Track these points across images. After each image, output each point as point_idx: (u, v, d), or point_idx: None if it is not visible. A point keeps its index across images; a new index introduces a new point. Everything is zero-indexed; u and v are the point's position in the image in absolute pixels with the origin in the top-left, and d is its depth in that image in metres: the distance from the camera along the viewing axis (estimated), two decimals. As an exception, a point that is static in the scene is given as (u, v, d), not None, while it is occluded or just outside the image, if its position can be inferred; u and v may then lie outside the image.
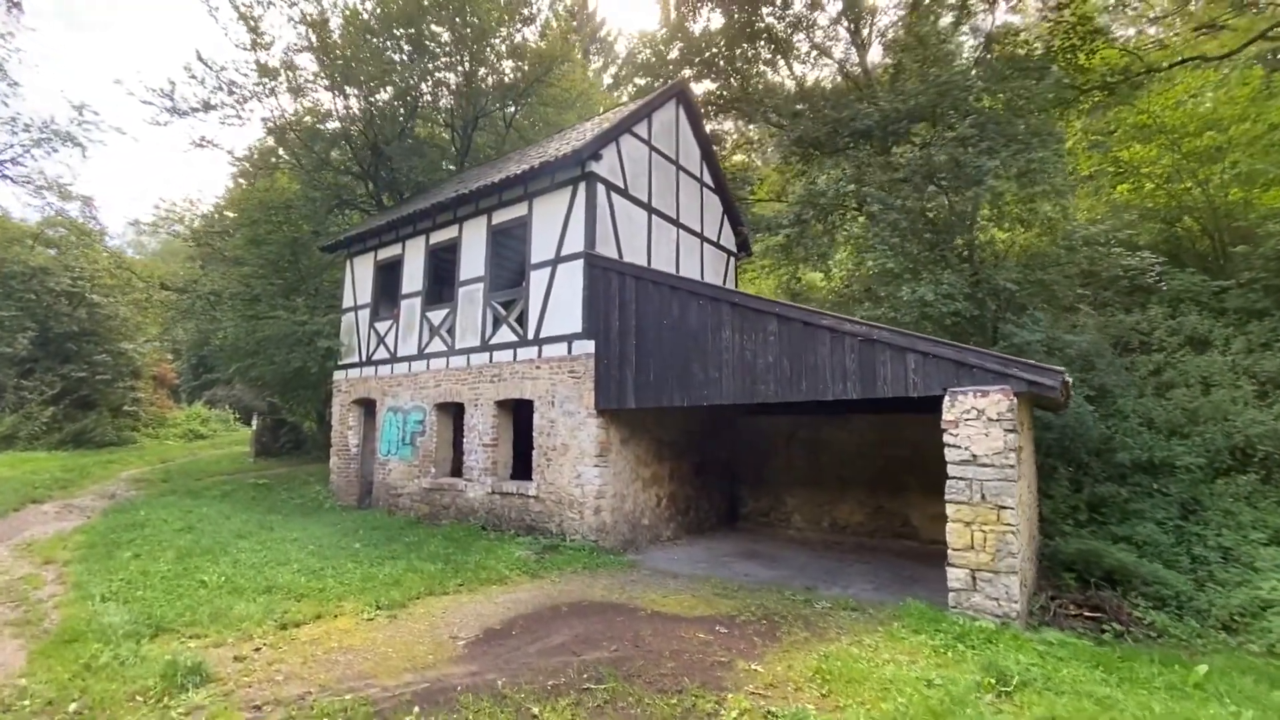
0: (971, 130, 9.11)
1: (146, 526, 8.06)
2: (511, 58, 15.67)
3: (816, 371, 6.91)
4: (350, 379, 13.04)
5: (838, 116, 10.63)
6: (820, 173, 10.10)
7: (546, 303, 9.72)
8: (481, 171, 13.44)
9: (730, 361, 7.57)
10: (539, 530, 9.30)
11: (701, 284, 8.05)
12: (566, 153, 9.18)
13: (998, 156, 9.06)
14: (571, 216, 9.59)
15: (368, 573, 6.80)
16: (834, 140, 10.69)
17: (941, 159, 9.02)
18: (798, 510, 11.61)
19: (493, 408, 10.21)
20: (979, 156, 9.24)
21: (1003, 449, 5.75)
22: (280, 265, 14.58)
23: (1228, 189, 15.40)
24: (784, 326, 7.20)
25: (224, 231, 16.29)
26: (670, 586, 7.16)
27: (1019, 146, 9.40)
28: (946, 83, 9.54)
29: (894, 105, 9.87)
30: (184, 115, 14.33)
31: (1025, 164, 9.33)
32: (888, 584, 7.64)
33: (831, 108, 10.87)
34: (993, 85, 9.96)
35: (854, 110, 10.46)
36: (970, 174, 9.26)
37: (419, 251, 12.07)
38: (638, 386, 8.42)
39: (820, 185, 9.75)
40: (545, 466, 9.37)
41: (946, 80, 9.58)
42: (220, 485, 12.74)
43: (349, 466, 12.85)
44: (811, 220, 10.44)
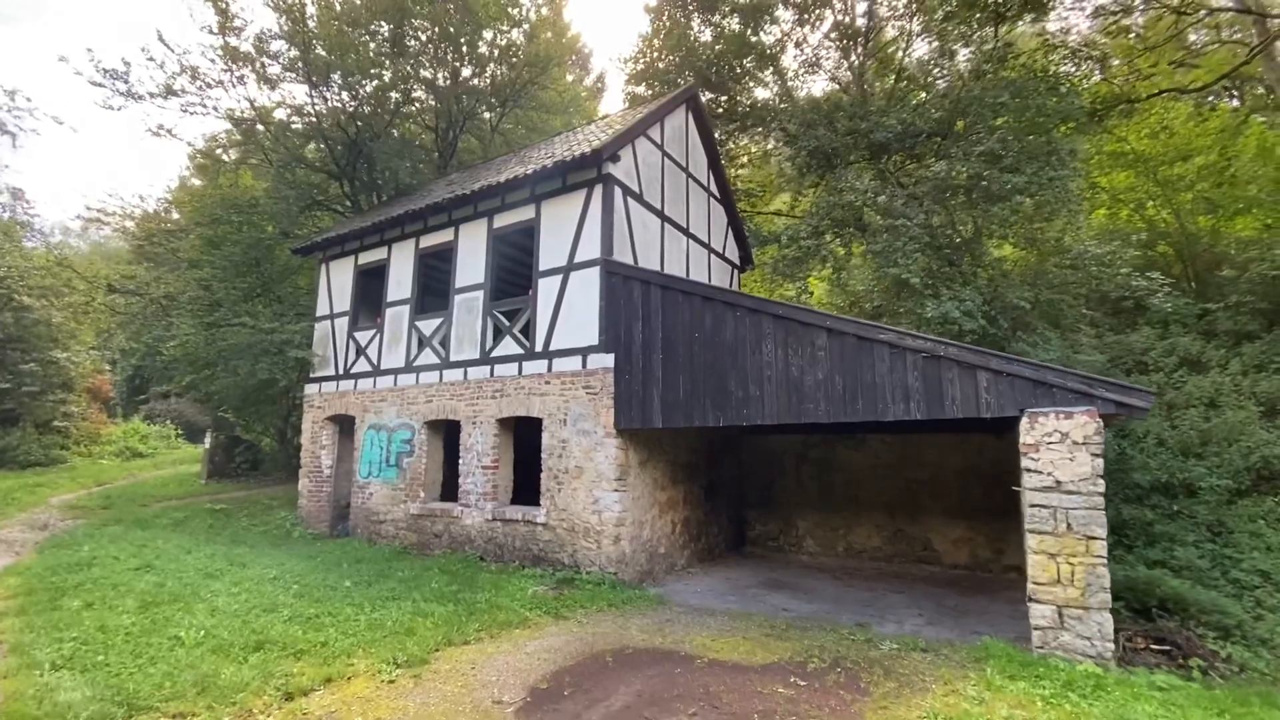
0: (998, 145, 8.95)
1: (94, 565, 6.86)
2: (504, 59, 14.93)
3: (875, 390, 6.42)
4: (324, 393, 11.91)
5: (856, 128, 10.39)
6: (839, 184, 9.78)
7: (557, 313, 8.99)
8: (474, 173, 12.63)
9: (773, 378, 7.02)
10: (548, 561, 8.48)
11: (739, 294, 7.51)
12: (585, 152, 8.55)
13: (1023, 173, 8.91)
14: (586, 221, 8.93)
15: (372, 619, 5.88)
16: (852, 152, 10.43)
17: (966, 174, 8.82)
18: (810, 534, 11.10)
19: (494, 426, 9.36)
20: (1004, 173, 9.07)
21: (1090, 474, 5.35)
22: (243, 268, 13.32)
23: (1196, 216, 16.03)
24: (835, 341, 6.71)
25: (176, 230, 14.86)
26: (712, 626, 6.48)
27: (1041, 163, 9.29)
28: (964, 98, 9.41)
29: (913, 119, 9.68)
30: (140, 99, 13.03)
31: (1047, 180, 9.21)
32: (937, 617, 7.16)
33: (849, 118, 10.62)
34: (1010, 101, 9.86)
35: (872, 122, 10.24)
36: (995, 190, 9.08)
37: (407, 256, 11.15)
38: (665, 404, 7.76)
39: (844, 196, 9.42)
40: (556, 491, 8.57)
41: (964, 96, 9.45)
42: (171, 512, 11.34)
43: (321, 490, 11.67)
44: (828, 232, 10.10)
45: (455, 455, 10.60)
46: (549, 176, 9.21)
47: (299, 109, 13.90)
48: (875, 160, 10.44)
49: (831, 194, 9.84)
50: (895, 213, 9.19)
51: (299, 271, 15.54)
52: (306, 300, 14.71)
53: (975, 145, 9.08)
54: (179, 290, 13.11)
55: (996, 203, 8.95)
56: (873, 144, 10.25)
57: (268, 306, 13.55)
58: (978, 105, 9.61)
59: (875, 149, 10.36)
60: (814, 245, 9.87)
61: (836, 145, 10.52)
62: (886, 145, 10.23)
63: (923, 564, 10.04)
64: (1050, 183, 9.43)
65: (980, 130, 9.51)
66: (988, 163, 9.15)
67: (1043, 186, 9.38)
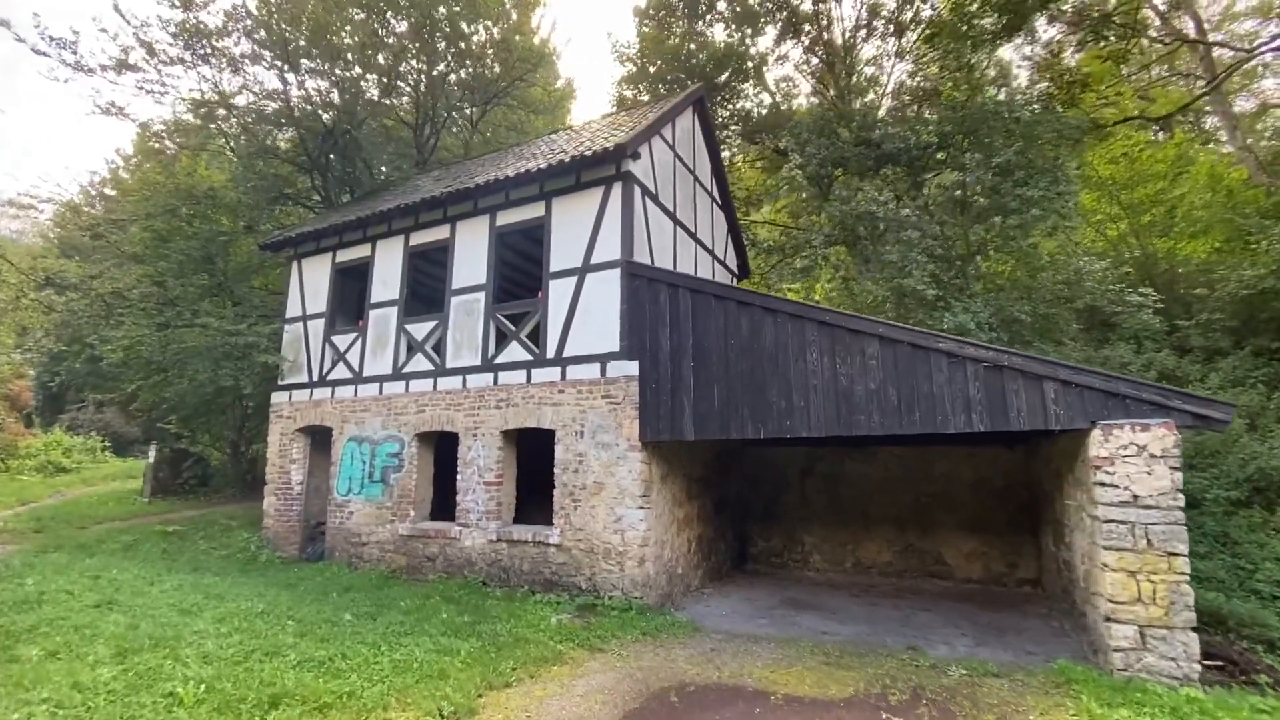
0: (1014, 158, 9.00)
1: (46, 603, 5.78)
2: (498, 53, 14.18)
3: (933, 401, 6.14)
4: (295, 402, 10.85)
5: (867, 138, 10.31)
6: (853, 193, 9.66)
7: (571, 317, 8.41)
8: (466, 169, 11.90)
9: (820, 388, 6.66)
10: (562, 586, 7.82)
11: (779, 299, 7.14)
12: (608, 147, 8.05)
13: (1037, 187, 8.98)
14: (604, 220, 8.41)
15: (395, 661, 5.12)
16: (859, 162, 10.34)
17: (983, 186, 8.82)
18: (816, 550, 10.80)
19: (498, 438, 8.65)
20: (1016, 186, 9.12)
21: (1169, 488, 5.20)
22: (199, 264, 12.09)
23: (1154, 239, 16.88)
24: (887, 349, 6.41)
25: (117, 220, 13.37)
26: (762, 655, 6.02)
27: (1050, 178, 9.40)
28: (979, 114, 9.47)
29: (919, 133, 9.68)
30: (90, 73, 11.65)
31: (1056, 195, 9.32)
32: (981, 636, 6.90)
33: (860, 129, 10.55)
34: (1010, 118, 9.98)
35: (884, 133, 10.19)
36: (1009, 203, 9.10)
37: (395, 254, 10.32)
38: (698, 415, 7.29)
39: (859, 205, 9.28)
40: (572, 509, 7.94)
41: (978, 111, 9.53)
42: (117, 535, 10.01)
43: (290, 509, 10.59)
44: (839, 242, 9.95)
45: (445, 471, 9.85)
46: (563, 172, 8.65)
47: (271, 93, 12.80)
48: (880, 171, 10.40)
49: (845, 203, 9.71)
50: (908, 223, 9.10)
51: (259, 270, 14.32)
52: (268, 301, 13.54)
53: (990, 158, 9.12)
54: (128, 287, 11.74)
55: (1010, 215, 8.98)
56: (882, 155, 10.20)
57: (224, 307, 12.34)
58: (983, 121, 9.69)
59: (883, 160, 10.32)
60: (826, 254, 9.68)
61: (848, 155, 10.42)
62: (895, 156, 10.21)
63: (935, 579, 9.88)
64: (1059, 197, 9.54)
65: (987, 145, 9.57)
66: (1001, 176, 9.19)
67: (1052, 200, 9.48)
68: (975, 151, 9.32)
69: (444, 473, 9.84)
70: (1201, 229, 16.53)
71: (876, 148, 10.23)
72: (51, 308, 12.59)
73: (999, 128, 9.54)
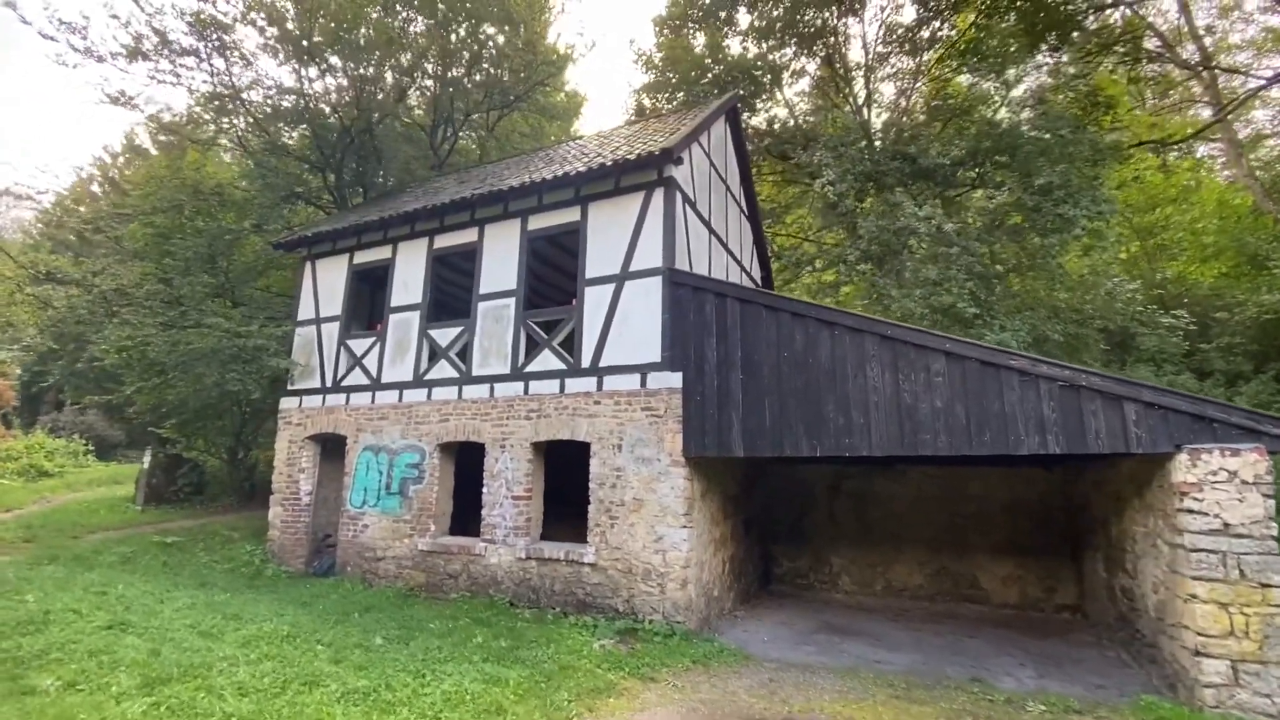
0: (1056, 178, 8.90)
1: (52, 624, 5.28)
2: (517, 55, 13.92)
3: (1003, 420, 5.90)
4: (306, 409, 10.39)
5: (904, 152, 10.19)
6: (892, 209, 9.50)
7: (609, 326, 8.09)
8: (492, 171, 11.58)
9: (881, 405, 6.40)
10: (596, 608, 7.44)
11: (836, 311, 6.89)
12: (653, 151, 7.80)
13: (1080, 206, 8.88)
14: (645, 226, 8.13)
15: (446, 693, 4.72)
16: (898, 176, 10.21)
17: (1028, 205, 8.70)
18: (845, 571, 10.50)
19: (528, 450, 8.28)
20: (1057, 205, 9.02)
21: (1262, 516, 4.98)
22: (205, 262, 11.60)
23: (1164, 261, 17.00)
24: (954, 366, 6.18)
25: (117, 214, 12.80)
26: (825, 687, 5.69)
27: (1089, 198, 9.32)
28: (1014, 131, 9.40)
29: (960, 150, 9.58)
30: (100, 60, 11.17)
31: (1096, 214, 9.22)
32: (1041, 667, 6.62)
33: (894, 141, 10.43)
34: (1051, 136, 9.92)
35: (920, 147, 10.08)
36: (1049, 222, 8.99)
37: (418, 256, 9.95)
38: (747, 431, 6.99)
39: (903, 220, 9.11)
40: (608, 526, 7.58)
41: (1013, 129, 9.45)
42: (113, 546, 9.42)
43: (298, 521, 10.09)
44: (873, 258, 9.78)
45: (464, 483, 9.45)
46: (602, 176, 8.38)
47: (286, 90, 12.38)
48: (914, 186, 10.29)
49: (882, 218, 9.54)
50: (951, 240, 8.96)
51: (265, 271, 13.84)
52: (276, 303, 13.07)
53: (1028, 176, 9.02)
54: (132, 284, 11.21)
55: (1050, 234, 8.87)
56: (918, 170, 10.09)
57: (228, 308, 11.85)
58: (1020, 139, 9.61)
59: (918, 175, 10.20)
60: (863, 270, 9.49)
61: (885, 169, 10.29)
62: (931, 172, 10.09)
63: (969, 603, 9.61)
64: (1099, 216, 9.44)
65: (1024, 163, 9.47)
66: (1041, 195, 9.09)
67: (1092, 220, 9.38)
68: (1012, 170, 9.22)
69: (462, 485, 9.44)
70: (1212, 253, 16.72)
71: (912, 162, 10.12)
72: (48, 303, 11.99)
73: (1036, 147, 9.47)
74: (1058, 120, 9.65)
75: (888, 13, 16.19)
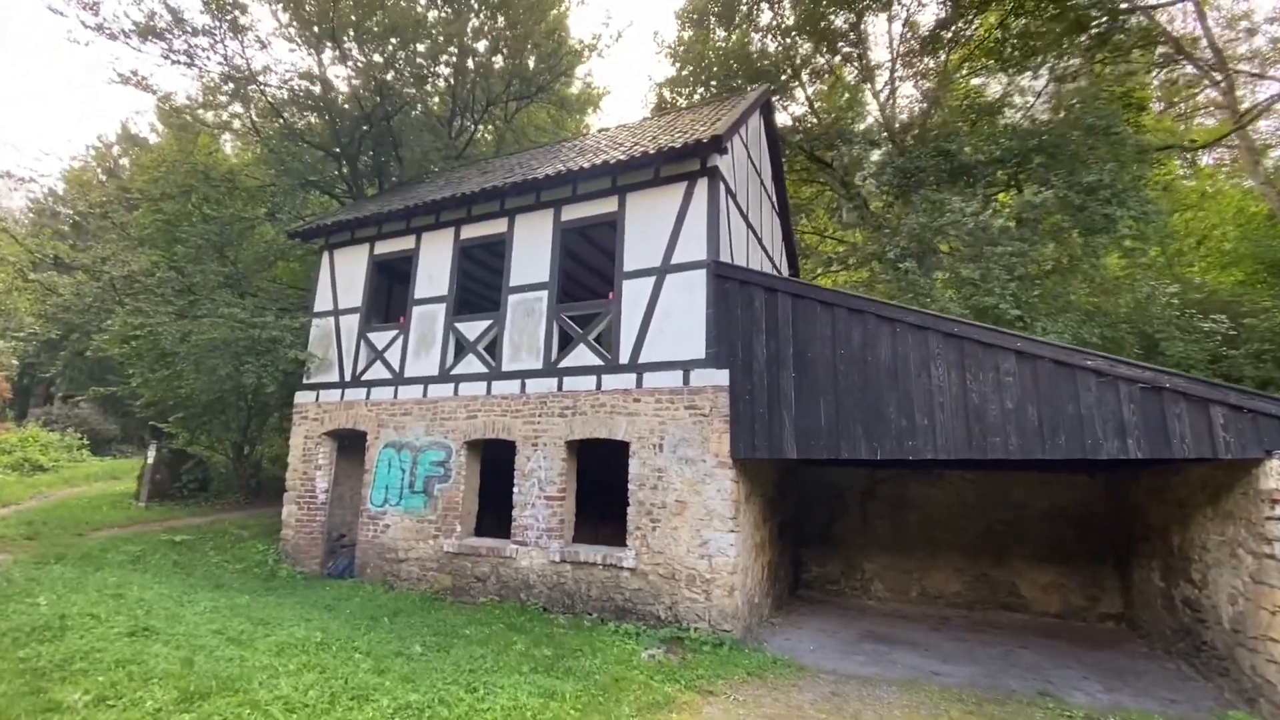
0: (1105, 176, 8.67)
1: (70, 630, 4.90)
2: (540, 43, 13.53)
3: (1079, 423, 5.62)
4: (324, 403, 10.00)
5: (945, 148, 9.95)
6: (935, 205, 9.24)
7: (649, 320, 7.77)
8: (520, 161, 11.22)
9: (946, 405, 6.11)
10: (637, 614, 7.11)
11: (896, 307, 6.59)
12: (701, 139, 7.49)
13: (1128, 206, 8.65)
14: (687, 217, 7.82)
15: (505, 708, 4.38)
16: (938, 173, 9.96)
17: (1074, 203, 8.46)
18: (878, 577, 10.21)
19: (561, 449, 7.94)
20: (1102, 206, 8.78)
21: (1364, 529, 4.73)
22: (218, 249, 11.19)
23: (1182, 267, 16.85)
24: (1025, 365, 5.90)
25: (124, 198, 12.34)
26: (891, 701, 5.39)
27: (1135, 198, 9.09)
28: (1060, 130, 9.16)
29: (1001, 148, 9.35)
30: (113, 38, 10.74)
31: (1141, 213, 9.00)
32: (1105, 680, 6.34)
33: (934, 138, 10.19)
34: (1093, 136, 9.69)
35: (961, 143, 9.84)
36: (1095, 222, 8.75)
37: (443, 246, 9.60)
38: (800, 431, 6.69)
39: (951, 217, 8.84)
40: (649, 530, 7.25)
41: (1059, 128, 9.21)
42: (121, 545, 8.99)
43: (314, 520, 9.70)
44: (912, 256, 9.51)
45: (487, 483, 9.11)
46: (642, 165, 8.07)
47: (305, 74, 11.96)
48: (954, 184, 10.04)
49: (924, 215, 9.29)
50: (997, 238, 8.71)
51: (273, 262, 13.43)
52: (287, 295, 12.67)
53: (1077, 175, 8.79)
54: (143, 271, 10.77)
55: (1095, 234, 8.63)
56: (958, 166, 9.85)
57: (241, 298, 11.45)
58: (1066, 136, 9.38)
59: (958, 171, 9.96)
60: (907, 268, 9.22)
61: (925, 166, 10.04)
62: (971, 169, 9.85)
63: (1008, 611, 9.35)
64: (1144, 218, 9.22)
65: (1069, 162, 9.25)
66: (1088, 194, 8.86)
67: (1137, 222, 9.16)
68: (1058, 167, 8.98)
69: (487, 485, 9.10)
70: (1233, 260, 16.60)
71: (949, 159, 9.87)
72: (53, 290, 11.53)
73: (1083, 144, 9.22)
74: (1107, 116, 9.43)
75: (911, 9, 16.01)
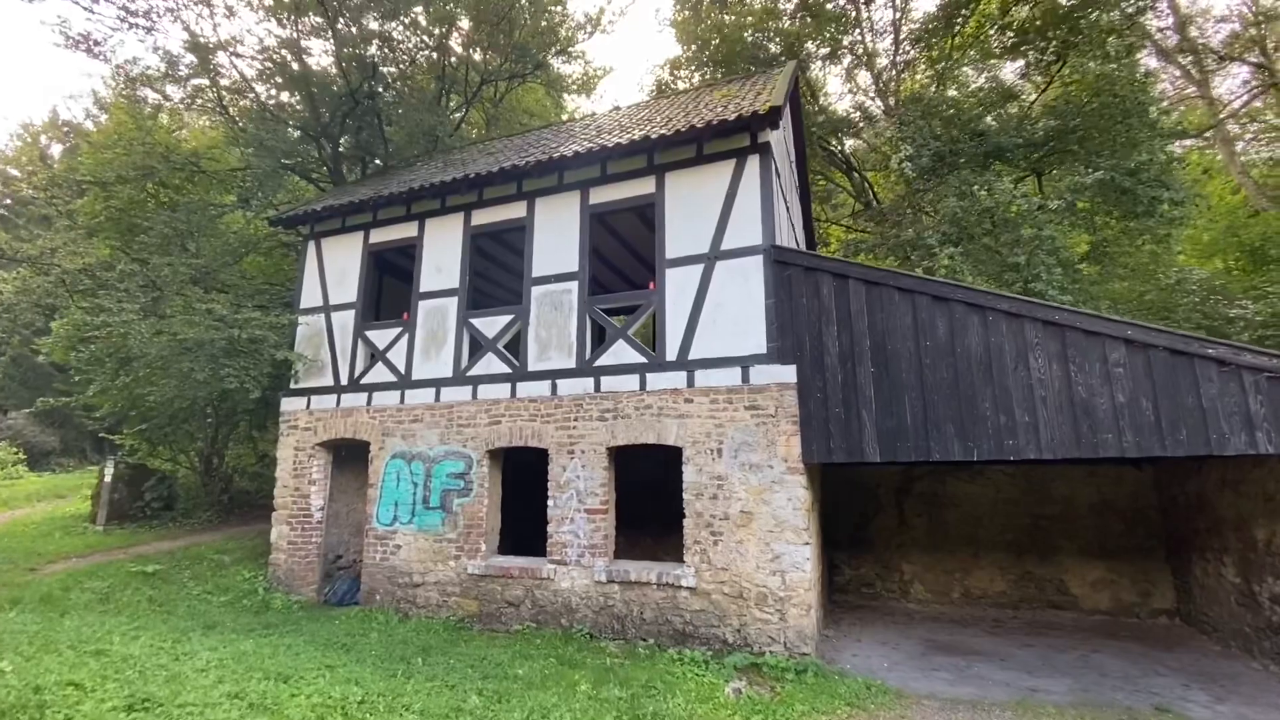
0: (1147, 158, 8.39)
1: (50, 708, 3.87)
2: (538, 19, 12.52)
3: (1201, 417, 5.18)
4: (316, 410, 8.94)
5: (981, 130, 9.53)
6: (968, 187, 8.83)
7: (698, 312, 7.06)
8: (534, 140, 10.30)
9: (1049, 400, 5.60)
10: (698, 638, 6.41)
11: (987, 293, 6.04)
12: (757, 110, 6.80)
13: (1172, 189, 8.39)
14: (738, 198, 7.12)
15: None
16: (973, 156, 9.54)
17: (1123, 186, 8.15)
18: (918, 579, 9.77)
19: (602, 456, 7.16)
20: (1150, 189, 8.50)
21: None
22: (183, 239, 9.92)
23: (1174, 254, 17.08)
24: (1137, 355, 5.42)
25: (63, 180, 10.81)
26: (1016, 731, 4.84)
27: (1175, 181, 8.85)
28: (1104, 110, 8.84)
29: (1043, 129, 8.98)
30: (57, -7, 9.26)
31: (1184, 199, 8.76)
32: (1210, 688, 5.96)
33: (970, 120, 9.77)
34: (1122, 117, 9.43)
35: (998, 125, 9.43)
36: (1142, 205, 8.46)
37: (451, 234, 8.66)
38: (884, 433, 6.09)
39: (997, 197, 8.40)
40: (710, 544, 6.55)
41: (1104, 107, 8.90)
42: (83, 579, 7.75)
43: (309, 541, 8.65)
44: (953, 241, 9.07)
45: (511, 494, 8.27)
46: (683, 142, 7.32)
47: (285, 42, 10.64)
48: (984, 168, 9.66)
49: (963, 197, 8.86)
50: (1043, 220, 8.33)
51: (246, 254, 12.13)
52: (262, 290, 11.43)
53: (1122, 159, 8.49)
54: (101, 264, 9.39)
55: (1141, 218, 8.35)
56: (992, 149, 9.45)
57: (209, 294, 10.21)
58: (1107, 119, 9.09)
59: (991, 154, 9.58)
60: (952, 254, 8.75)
61: (961, 148, 9.61)
62: (1005, 151, 9.48)
63: (1056, 609, 9.02)
64: (1179, 203, 8.99)
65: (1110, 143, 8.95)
66: (1132, 177, 8.57)
67: (1175, 205, 8.92)
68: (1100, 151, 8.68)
69: (505, 498, 8.25)
70: (1218, 249, 16.93)
71: (991, 140, 9.48)
72: (-10, 287, 10.04)
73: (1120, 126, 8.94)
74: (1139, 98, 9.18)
75: None
